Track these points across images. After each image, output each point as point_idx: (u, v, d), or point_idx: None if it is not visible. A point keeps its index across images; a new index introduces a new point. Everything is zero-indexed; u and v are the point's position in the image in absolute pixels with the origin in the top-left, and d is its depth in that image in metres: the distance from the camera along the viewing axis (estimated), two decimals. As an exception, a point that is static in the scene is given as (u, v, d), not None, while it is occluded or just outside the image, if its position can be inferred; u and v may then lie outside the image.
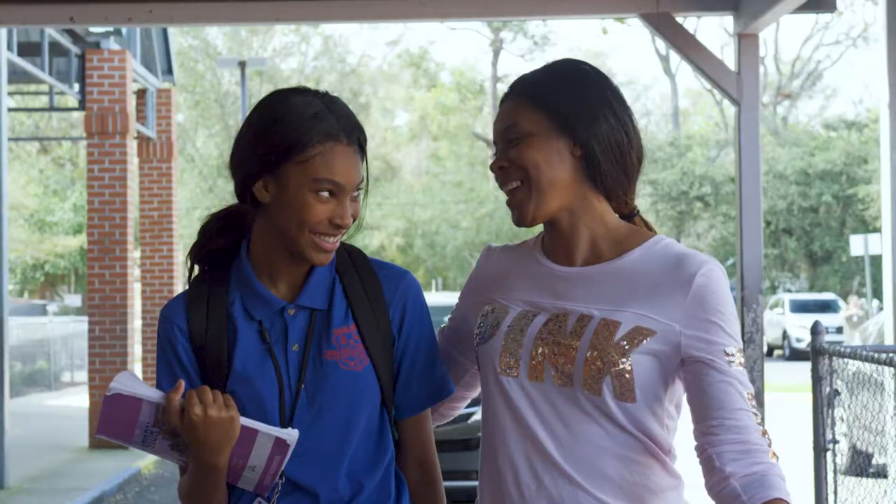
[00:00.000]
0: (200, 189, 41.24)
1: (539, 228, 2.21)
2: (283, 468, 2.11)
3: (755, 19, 6.24)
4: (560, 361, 2.07)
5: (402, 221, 42.25)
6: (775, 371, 21.82)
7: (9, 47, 11.03)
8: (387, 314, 2.21)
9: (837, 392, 5.70)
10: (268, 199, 2.12)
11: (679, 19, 6.52)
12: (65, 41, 12.48)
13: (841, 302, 30.44)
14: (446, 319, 2.39)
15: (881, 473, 6.73)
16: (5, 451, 10.31)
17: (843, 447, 7.87)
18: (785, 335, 29.26)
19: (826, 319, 25.44)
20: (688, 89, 55.15)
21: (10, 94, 15.70)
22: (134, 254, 13.79)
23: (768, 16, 6.13)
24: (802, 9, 6.28)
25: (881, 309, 19.08)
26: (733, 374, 2.03)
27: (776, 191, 34.82)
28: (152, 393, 2.07)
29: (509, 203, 2.15)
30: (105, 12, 6.66)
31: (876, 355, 4.85)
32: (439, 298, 10.26)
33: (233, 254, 2.23)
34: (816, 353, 5.49)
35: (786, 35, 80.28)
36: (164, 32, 15.43)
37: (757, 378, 6.06)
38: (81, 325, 22.67)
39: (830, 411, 5.44)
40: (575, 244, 2.15)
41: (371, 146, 2.19)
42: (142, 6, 6.54)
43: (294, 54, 46.27)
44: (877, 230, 28.45)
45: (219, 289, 2.20)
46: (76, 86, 13.10)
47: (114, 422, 2.08)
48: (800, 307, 29.31)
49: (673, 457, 2.12)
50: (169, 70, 15.59)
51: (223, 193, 37.97)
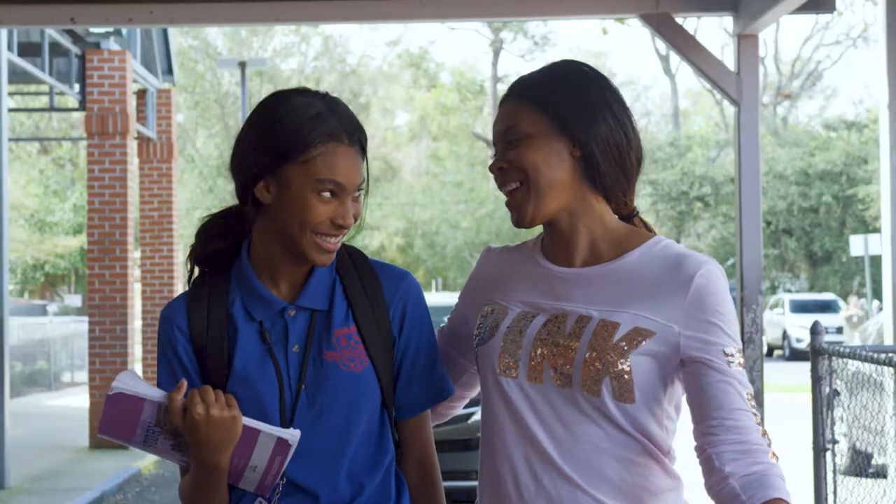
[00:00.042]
0: (200, 189, 41.22)
1: (539, 229, 2.21)
2: (284, 469, 2.11)
3: (755, 20, 6.24)
4: (559, 362, 2.07)
5: (402, 222, 42.23)
6: (775, 371, 21.83)
7: (9, 47, 11.03)
8: (387, 315, 2.21)
9: (837, 392, 5.71)
10: (269, 200, 2.13)
11: (679, 20, 6.51)
12: (65, 41, 12.48)
13: (841, 302, 30.44)
14: (446, 320, 2.39)
15: (881, 473, 6.73)
16: (5, 452, 10.31)
17: (843, 447, 7.87)
18: (785, 335, 29.26)
19: (826, 320, 25.43)
20: (688, 89, 55.18)
21: (11, 95, 15.70)
22: (134, 254, 13.78)
23: (768, 16, 6.13)
24: (802, 9, 6.27)
25: (881, 309, 19.04)
26: (732, 375, 2.03)
27: (776, 191, 34.82)
28: (155, 392, 2.06)
29: (508, 204, 2.15)
30: (106, 13, 6.65)
31: (875, 355, 4.85)
32: (439, 299, 10.25)
33: (233, 255, 2.23)
34: (816, 354, 5.49)
35: (786, 35, 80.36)
36: (165, 33, 15.43)
37: (757, 378, 6.06)
38: (82, 326, 22.66)
39: (830, 411, 5.44)
40: (574, 245, 2.15)
41: (371, 146, 2.19)
42: (142, 7, 6.53)
43: (294, 54, 46.27)
44: (877, 230, 28.44)
45: (219, 289, 2.20)
46: (76, 86, 13.10)
47: (116, 421, 2.07)
48: (800, 307, 29.31)
49: (672, 458, 2.12)
50: (169, 70, 15.59)
51: (223, 194, 37.95)
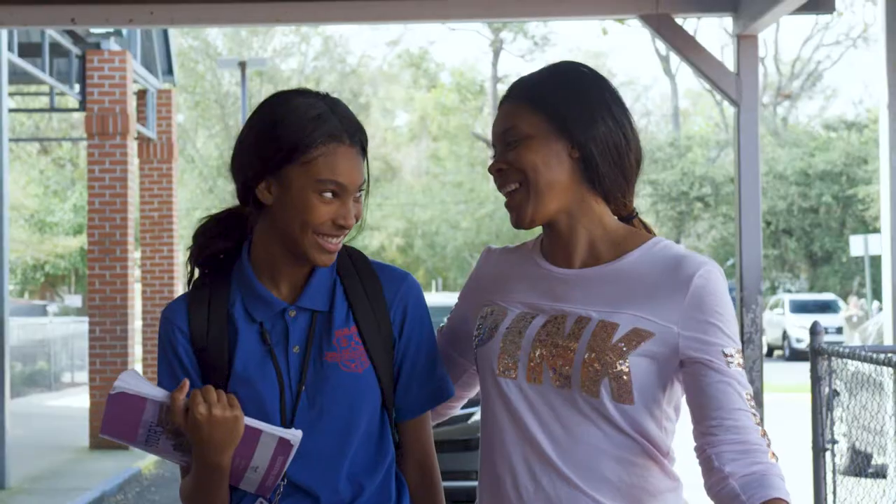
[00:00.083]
0: (201, 190, 41.20)
1: (539, 230, 2.22)
2: (286, 469, 2.11)
3: (754, 20, 6.24)
4: (558, 363, 2.07)
5: (402, 222, 42.20)
6: (775, 371, 21.83)
7: (9, 48, 11.03)
8: (388, 316, 2.21)
9: (836, 392, 5.71)
10: (270, 201, 2.13)
11: (679, 20, 6.51)
12: (65, 42, 12.48)
13: (841, 302, 30.43)
14: (446, 320, 2.39)
15: (880, 473, 6.74)
16: (6, 452, 10.31)
17: (843, 447, 7.87)
18: (785, 335, 29.26)
19: (826, 320, 25.44)
20: (688, 90, 55.16)
21: (11, 95, 15.70)
22: (134, 254, 13.79)
23: (768, 17, 6.13)
24: (802, 10, 6.27)
25: (881, 309, 19.04)
26: (732, 375, 2.03)
27: (776, 191, 34.81)
28: (156, 392, 2.06)
29: (508, 205, 2.16)
30: (106, 13, 6.65)
31: (875, 356, 4.86)
32: (439, 299, 10.23)
33: (233, 255, 2.23)
34: (815, 354, 5.49)
35: (785, 36, 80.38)
36: (165, 33, 15.43)
37: (756, 378, 6.06)
38: (82, 326, 22.66)
39: (829, 412, 5.45)
40: (573, 246, 2.15)
41: (371, 147, 2.20)
42: (143, 7, 6.54)
43: (294, 55, 46.25)
44: (877, 230, 28.44)
45: (220, 290, 2.20)
46: (76, 86, 13.09)
47: (117, 421, 2.07)
48: (800, 307, 29.30)
49: (671, 459, 2.12)
50: (169, 71, 15.59)
51: (223, 194, 37.94)
